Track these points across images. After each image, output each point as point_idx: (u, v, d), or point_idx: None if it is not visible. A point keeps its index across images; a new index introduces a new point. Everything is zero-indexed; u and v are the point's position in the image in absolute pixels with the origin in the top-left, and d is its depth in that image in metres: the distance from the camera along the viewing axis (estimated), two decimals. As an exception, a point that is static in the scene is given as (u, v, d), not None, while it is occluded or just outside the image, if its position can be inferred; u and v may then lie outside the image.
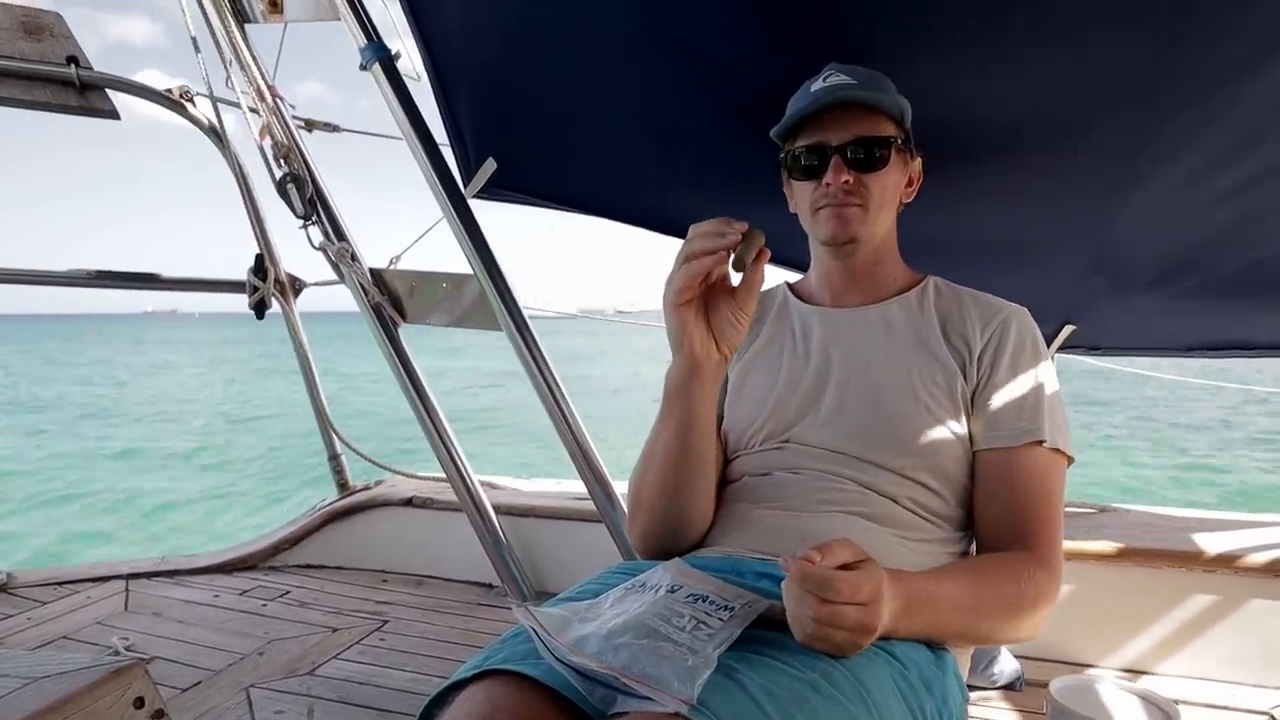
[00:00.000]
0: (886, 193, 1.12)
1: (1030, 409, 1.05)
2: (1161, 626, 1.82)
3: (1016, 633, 0.97)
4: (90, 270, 2.34)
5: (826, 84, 1.13)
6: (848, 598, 0.77)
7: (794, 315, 1.23)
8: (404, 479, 2.78)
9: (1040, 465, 1.03)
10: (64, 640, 2.02)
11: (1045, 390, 1.06)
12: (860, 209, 1.11)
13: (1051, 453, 1.04)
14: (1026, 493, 1.03)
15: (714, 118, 1.66)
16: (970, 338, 1.10)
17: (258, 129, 2.28)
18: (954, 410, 1.06)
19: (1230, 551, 1.78)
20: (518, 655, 0.81)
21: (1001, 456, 1.04)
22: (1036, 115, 1.49)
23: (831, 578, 0.77)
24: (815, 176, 1.12)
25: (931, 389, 1.07)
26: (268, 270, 2.49)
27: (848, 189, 1.10)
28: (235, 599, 2.33)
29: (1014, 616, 0.96)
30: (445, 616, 2.24)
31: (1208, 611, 1.79)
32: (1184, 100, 1.37)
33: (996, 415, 1.05)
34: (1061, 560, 1.02)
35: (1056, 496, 1.04)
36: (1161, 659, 1.83)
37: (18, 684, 1.10)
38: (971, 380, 1.07)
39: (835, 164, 1.10)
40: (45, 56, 2.14)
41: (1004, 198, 1.74)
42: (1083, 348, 2.27)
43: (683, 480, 1.05)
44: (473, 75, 1.89)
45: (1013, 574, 0.96)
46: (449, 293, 2.31)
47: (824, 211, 1.13)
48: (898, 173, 1.14)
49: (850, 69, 1.14)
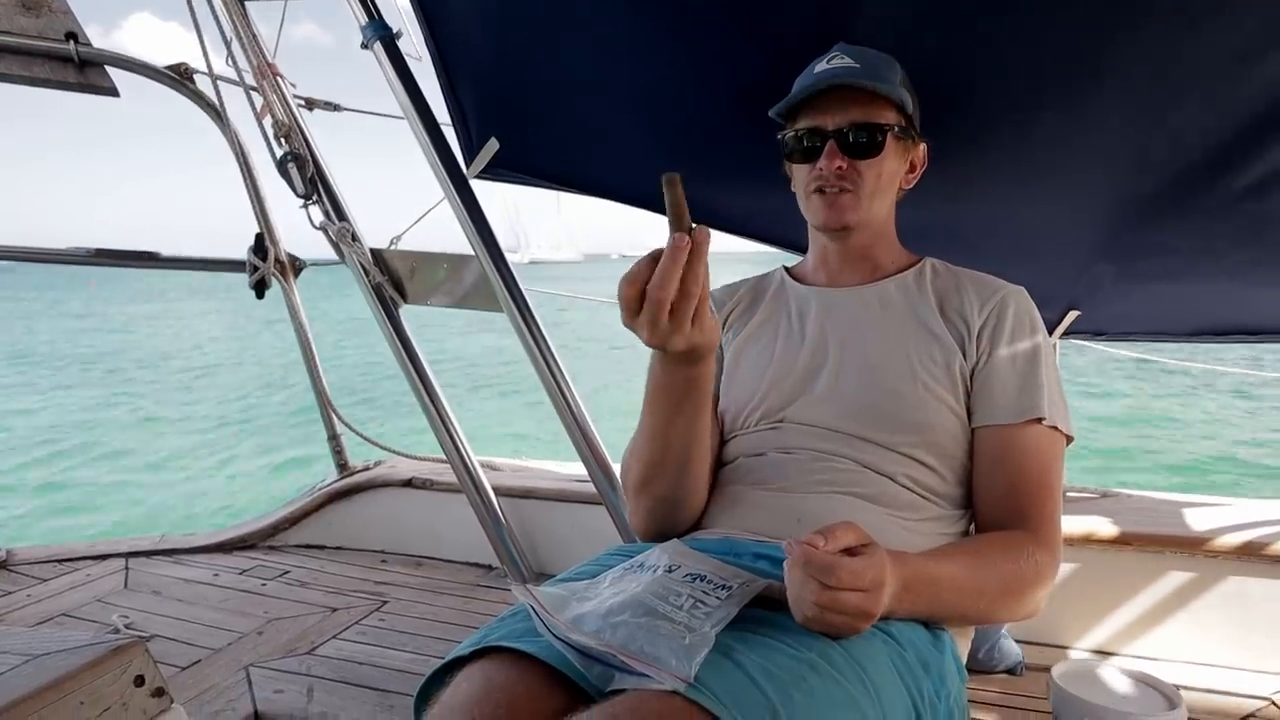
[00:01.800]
0: (881, 180, 1.11)
1: (1029, 387, 1.04)
2: (1163, 611, 1.82)
3: (1016, 612, 0.97)
4: (89, 249, 2.34)
5: (830, 66, 1.11)
6: (849, 584, 0.77)
7: (790, 296, 1.23)
8: (404, 460, 2.78)
9: (1040, 443, 1.03)
10: (64, 617, 2.03)
11: (1044, 369, 1.06)
12: (852, 195, 1.10)
13: (1050, 430, 1.04)
14: (1026, 471, 1.02)
15: (716, 98, 1.64)
16: (969, 316, 1.09)
17: (258, 107, 2.26)
18: (952, 387, 1.06)
19: (1233, 536, 1.78)
20: (515, 633, 0.81)
21: (1000, 433, 1.04)
22: (1043, 102, 1.47)
23: (834, 564, 0.77)
24: (811, 160, 1.11)
25: (930, 366, 1.06)
26: (268, 250, 2.48)
27: (841, 174, 1.09)
28: (235, 578, 2.33)
29: (1014, 596, 0.95)
30: (444, 597, 2.24)
31: (1210, 596, 1.79)
32: (1192, 86, 1.36)
33: (995, 392, 1.05)
34: (1060, 539, 1.02)
35: (1056, 475, 1.03)
36: (1164, 644, 1.83)
37: (18, 660, 1.10)
38: (970, 358, 1.07)
39: (830, 148, 1.09)
40: (44, 32, 2.12)
41: (1010, 184, 1.73)
42: (1087, 333, 2.27)
43: (673, 465, 1.03)
44: (475, 55, 1.88)
45: (1012, 553, 0.96)
46: (450, 273, 2.30)
47: (817, 196, 1.12)
48: (895, 159, 1.13)
49: (858, 51, 1.13)
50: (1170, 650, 1.82)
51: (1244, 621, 1.77)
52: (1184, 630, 1.81)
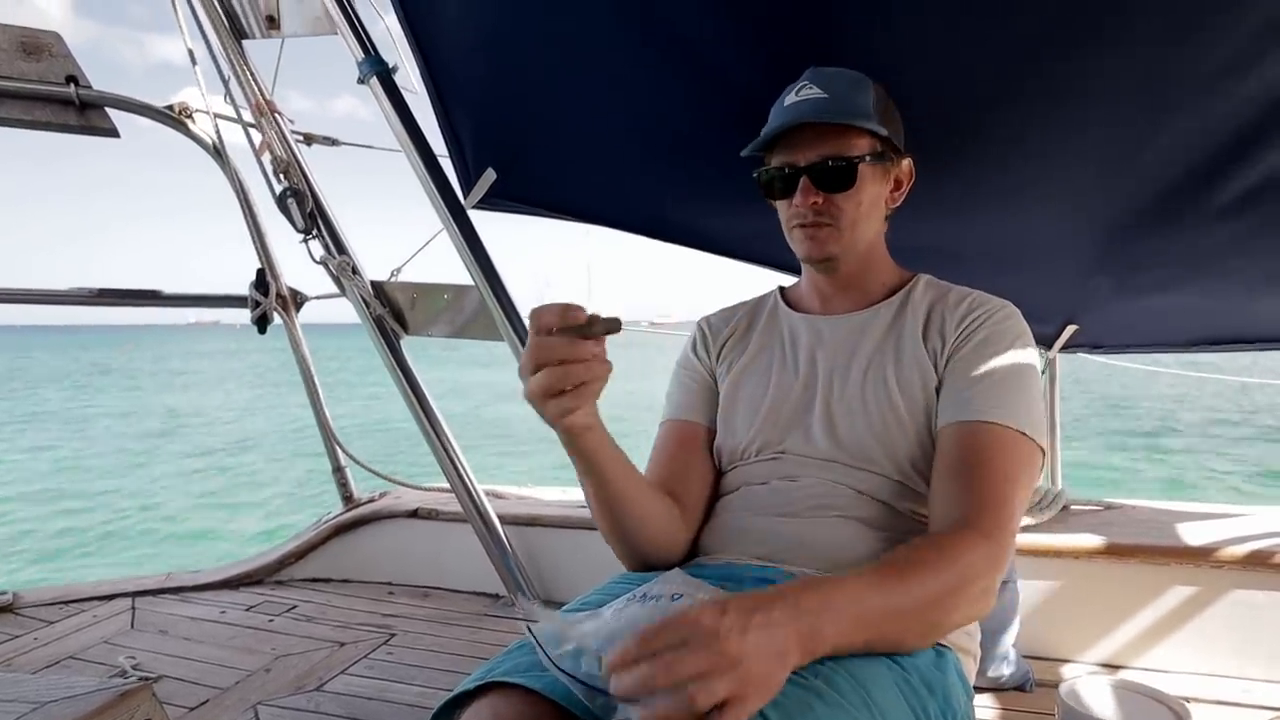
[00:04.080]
0: (861, 208, 1.10)
1: (996, 391, 1.00)
2: (1171, 623, 1.81)
3: (967, 612, 0.89)
4: (92, 289, 2.35)
5: (799, 98, 1.11)
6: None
7: (783, 323, 1.23)
8: (409, 490, 2.78)
9: (1000, 442, 0.97)
10: (71, 660, 2.02)
11: (1016, 377, 1.02)
12: (832, 228, 1.10)
13: (1015, 434, 0.97)
14: (980, 467, 0.95)
15: (711, 125, 1.66)
16: (946, 333, 1.08)
17: (257, 144, 2.29)
18: (929, 411, 1.05)
19: (1239, 547, 1.77)
20: (521, 667, 0.81)
21: (957, 430, 0.99)
22: (1036, 117, 1.49)
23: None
24: (787, 195, 1.11)
25: (912, 392, 1.06)
26: (269, 285, 2.50)
27: (818, 210, 1.09)
28: (242, 615, 2.33)
29: (955, 599, 0.86)
30: (452, 628, 2.24)
31: (1217, 607, 1.78)
32: (1181, 99, 1.38)
33: (957, 393, 1.02)
34: (1008, 533, 0.92)
35: (1015, 475, 0.95)
36: (1172, 656, 1.82)
37: (26, 709, 1.11)
38: (940, 370, 1.06)
39: (803, 185, 1.09)
40: (45, 76, 2.15)
41: (1004, 199, 1.74)
42: (1086, 346, 2.28)
43: (622, 520, 1.03)
44: (471, 86, 1.90)
45: (944, 557, 0.86)
46: (450, 304, 2.32)
47: (797, 231, 1.13)
48: (875, 185, 1.12)
49: (828, 77, 1.12)
50: (1178, 663, 1.81)
51: (1252, 632, 1.76)
52: (1192, 642, 1.80)
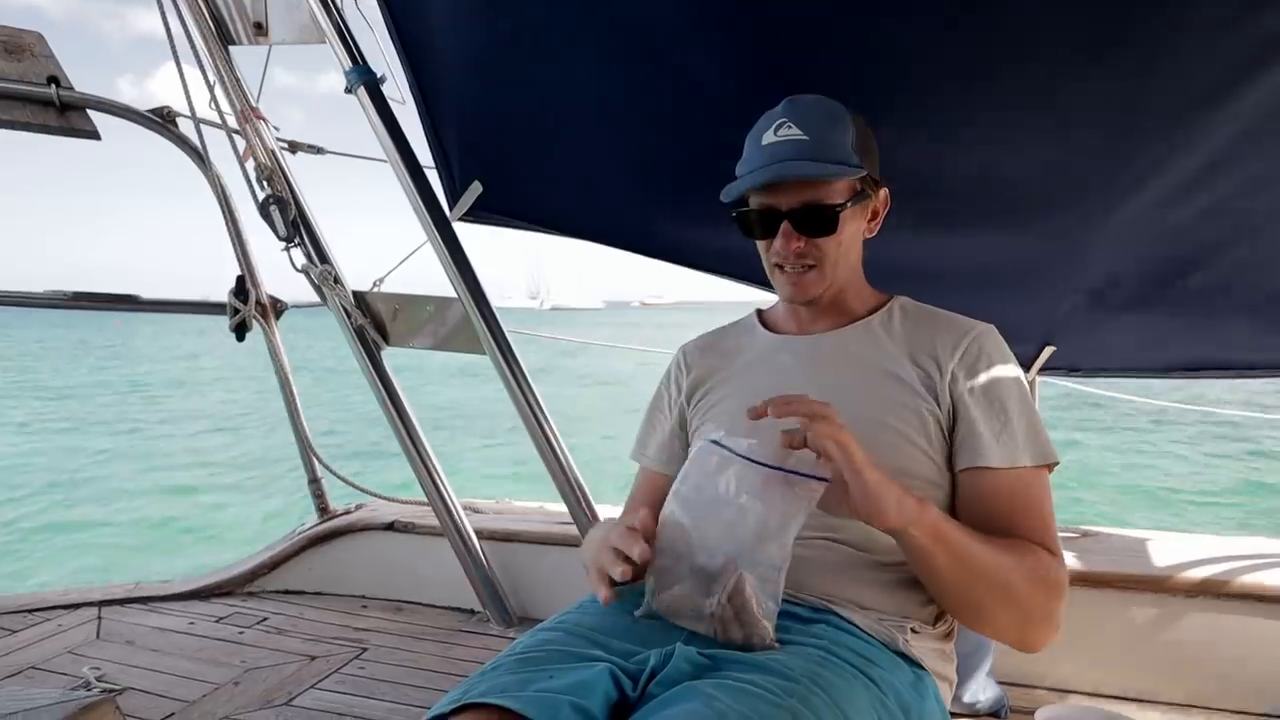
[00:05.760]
0: (842, 247, 1.11)
1: (1012, 430, 1.03)
2: (1148, 651, 1.81)
3: (1045, 605, 0.95)
4: (68, 291, 2.31)
5: (778, 138, 1.08)
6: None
7: (761, 348, 1.22)
8: (385, 503, 2.75)
9: (1030, 482, 1.02)
10: (33, 671, 1.97)
11: (1023, 407, 1.05)
12: (816, 270, 1.11)
13: (1045, 470, 1.04)
14: (1018, 510, 1.01)
15: (696, 144, 1.67)
16: (940, 358, 1.08)
17: (241, 150, 2.27)
18: (923, 430, 1.05)
19: (1216, 576, 1.78)
20: (498, 688, 0.80)
21: (988, 477, 1.02)
22: (1012, 144, 1.52)
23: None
24: (768, 237, 1.11)
25: (900, 411, 1.06)
26: (249, 292, 2.47)
27: (800, 253, 1.09)
28: (211, 626, 2.28)
29: (1041, 586, 0.94)
30: (425, 643, 2.21)
31: (1194, 637, 1.79)
32: (1154, 129, 1.41)
33: (977, 438, 1.03)
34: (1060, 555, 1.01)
35: (1049, 506, 1.03)
36: (1148, 684, 1.82)
37: (-18, 719, 1.07)
38: (944, 402, 1.06)
39: (785, 230, 1.08)
40: (25, 76, 2.12)
41: (982, 223, 1.77)
42: (1063, 369, 2.29)
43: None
44: (459, 99, 1.90)
45: (1035, 553, 0.96)
46: (432, 316, 2.30)
47: (780, 274, 1.13)
48: (855, 223, 1.12)
49: (805, 110, 1.09)
50: (1155, 691, 1.81)
51: (1228, 662, 1.77)
52: (1168, 670, 1.81)
